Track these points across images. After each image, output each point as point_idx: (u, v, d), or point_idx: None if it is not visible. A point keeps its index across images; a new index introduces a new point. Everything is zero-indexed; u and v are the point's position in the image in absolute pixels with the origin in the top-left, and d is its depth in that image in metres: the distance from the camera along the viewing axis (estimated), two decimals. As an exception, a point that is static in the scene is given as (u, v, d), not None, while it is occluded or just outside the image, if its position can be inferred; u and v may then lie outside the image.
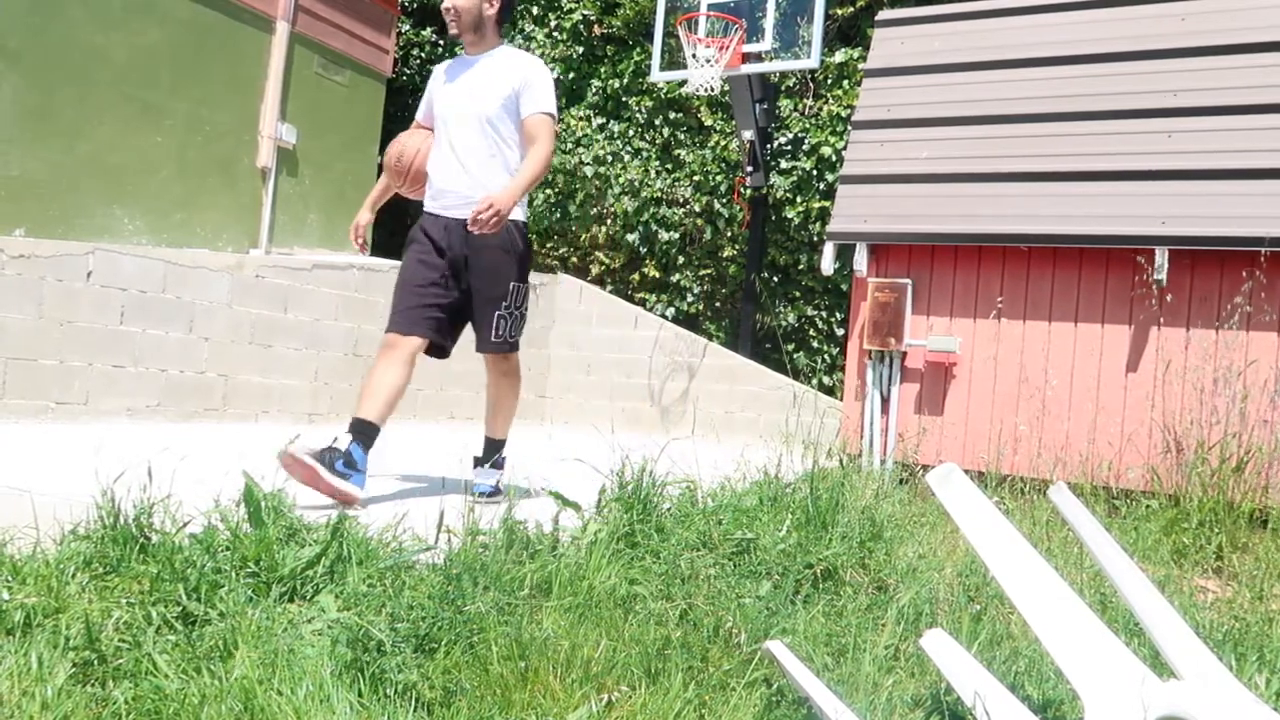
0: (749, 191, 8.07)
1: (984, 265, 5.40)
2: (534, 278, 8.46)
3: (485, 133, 3.49)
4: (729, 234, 8.60)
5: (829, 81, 8.27)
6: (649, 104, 8.93)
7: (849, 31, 8.40)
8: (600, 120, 9.17)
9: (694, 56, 7.33)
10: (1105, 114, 5.22)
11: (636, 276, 9.03)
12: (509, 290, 3.56)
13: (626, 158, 8.98)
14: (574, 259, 9.33)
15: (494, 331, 3.56)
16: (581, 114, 9.24)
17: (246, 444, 4.90)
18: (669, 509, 3.07)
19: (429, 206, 3.59)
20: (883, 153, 5.70)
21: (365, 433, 3.31)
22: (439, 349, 3.59)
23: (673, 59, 7.75)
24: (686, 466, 3.69)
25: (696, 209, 8.65)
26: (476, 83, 3.52)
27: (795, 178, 8.18)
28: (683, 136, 8.87)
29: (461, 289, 3.55)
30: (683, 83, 8.17)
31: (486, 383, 3.74)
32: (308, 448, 3.15)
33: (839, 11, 8.24)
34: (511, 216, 3.51)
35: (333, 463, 3.15)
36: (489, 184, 3.46)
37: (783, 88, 8.38)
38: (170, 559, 2.11)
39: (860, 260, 5.57)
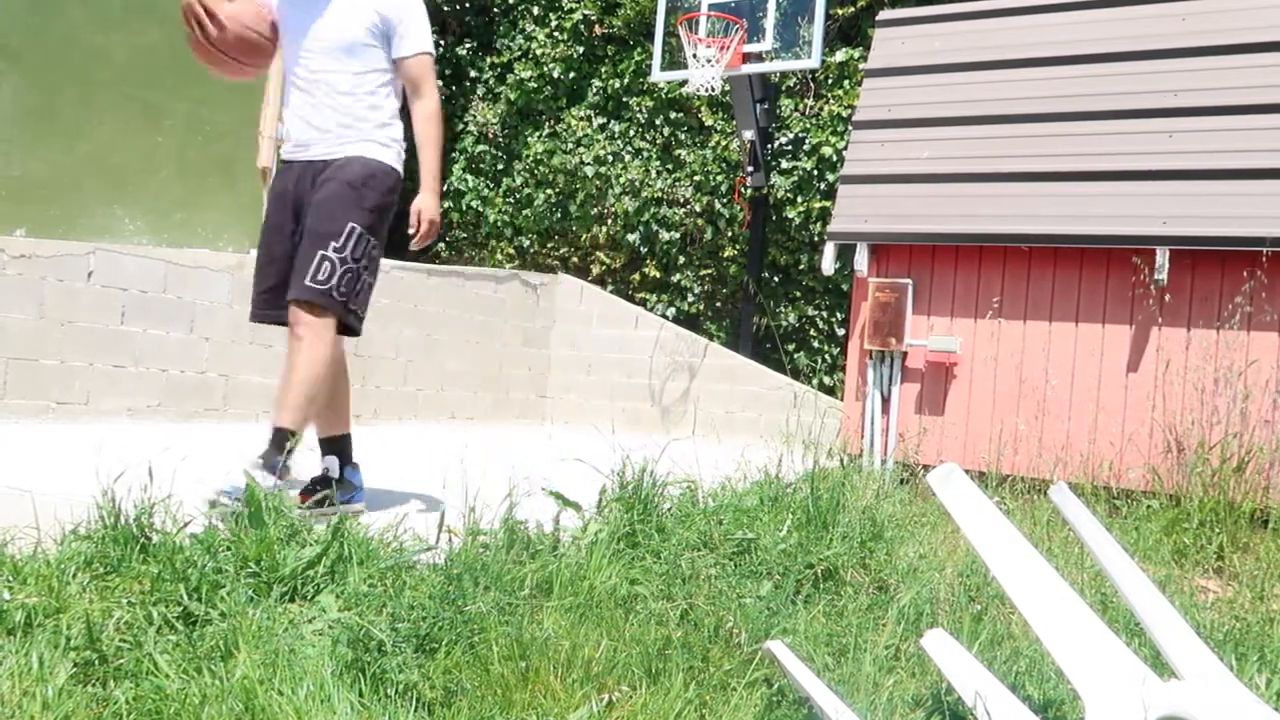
0: (749, 191, 8.08)
1: (985, 265, 5.40)
2: (533, 277, 8.46)
3: (346, 63, 3.05)
4: (730, 234, 8.59)
5: (830, 81, 8.27)
6: (649, 104, 8.93)
7: (850, 31, 8.40)
8: (601, 120, 9.17)
9: (694, 56, 7.33)
10: (1106, 114, 5.22)
11: (637, 276, 9.03)
12: (344, 230, 2.94)
13: (627, 158, 8.98)
14: (574, 259, 9.34)
15: (312, 274, 2.90)
16: (582, 114, 9.24)
17: (247, 444, 4.90)
18: (670, 509, 3.07)
19: (284, 154, 3.17)
20: (883, 153, 5.70)
21: (341, 448, 3.23)
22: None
23: (673, 59, 7.75)
24: (687, 466, 3.69)
25: (697, 209, 8.65)
26: (336, 4, 3.07)
27: (796, 178, 8.18)
28: (683, 136, 8.87)
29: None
30: (683, 83, 8.17)
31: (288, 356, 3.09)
32: (311, 493, 3.08)
33: (840, 11, 8.24)
34: (378, 157, 3.08)
35: (335, 497, 3.13)
36: (353, 120, 3.06)
37: (783, 87, 8.38)
38: (171, 559, 2.11)
39: (861, 260, 5.57)
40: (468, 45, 9.84)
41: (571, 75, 9.28)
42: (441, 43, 9.93)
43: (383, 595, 2.13)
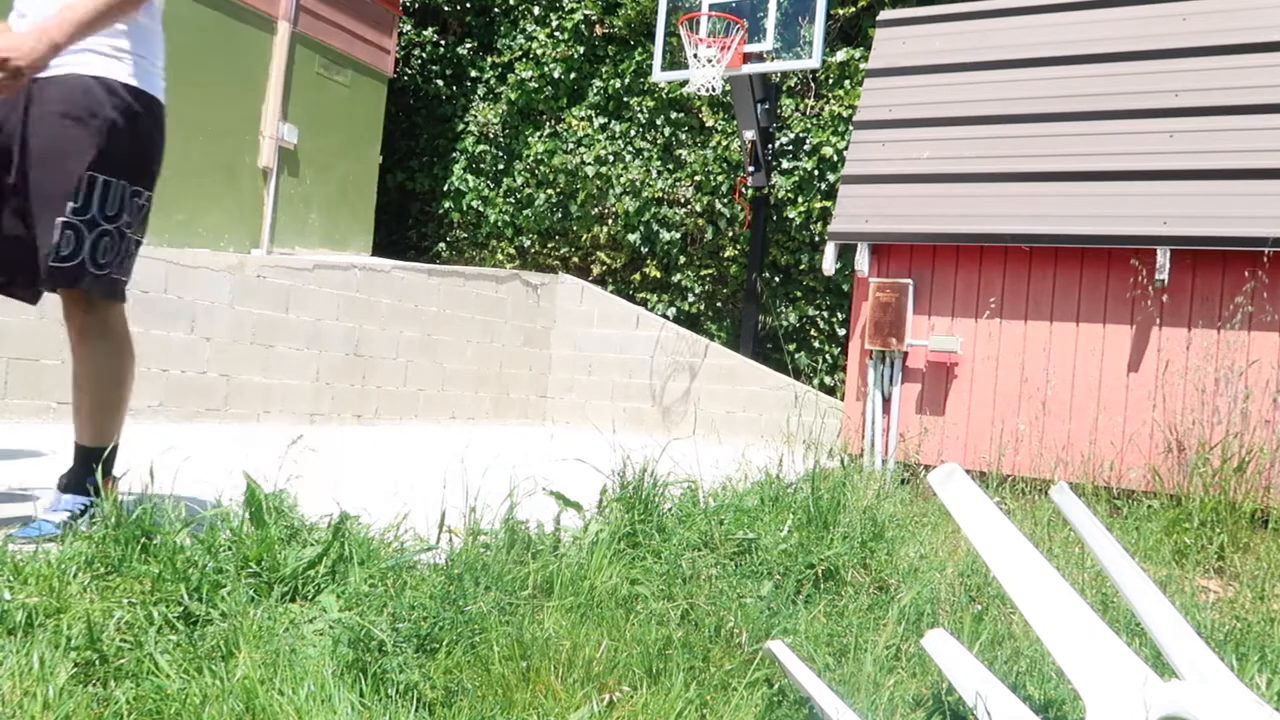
0: (750, 191, 8.08)
1: (985, 265, 5.40)
2: (534, 277, 8.46)
3: None
4: (730, 234, 8.59)
5: (830, 81, 8.27)
6: (650, 104, 8.93)
7: (850, 31, 8.40)
8: (602, 120, 9.17)
9: (695, 56, 7.33)
10: (1107, 114, 5.22)
11: (638, 276, 9.04)
12: (79, 183, 2.31)
13: (628, 158, 8.98)
14: (575, 259, 9.34)
15: (56, 249, 2.28)
16: (583, 114, 9.24)
17: (248, 444, 4.91)
18: (670, 509, 3.07)
19: None
20: (884, 153, 5.70)
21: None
22: (9, 288, 2.44)
23: (674, 59, 7.76)
24: (688, 466, 3.68)
25: (698, 209, 8.65)
26: None
27: (797, 178, 8.18)
28: (684, 136, 8.87)
29: (22, 190, 2.34)
30: (684, 83, 8.18)
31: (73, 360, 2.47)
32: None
33: (840, 11, 8.24)
34: (102, 73, 2.37)
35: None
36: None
37: (784, 88, 8.38)
38: (172, 559, 2.11)
39: (862, 260, 5.57)
40: (468, 45, 9.85)
41: (572, 75, 9.29)
42: (442, 43, 9.93)
43: (384, 595, 2.13)
